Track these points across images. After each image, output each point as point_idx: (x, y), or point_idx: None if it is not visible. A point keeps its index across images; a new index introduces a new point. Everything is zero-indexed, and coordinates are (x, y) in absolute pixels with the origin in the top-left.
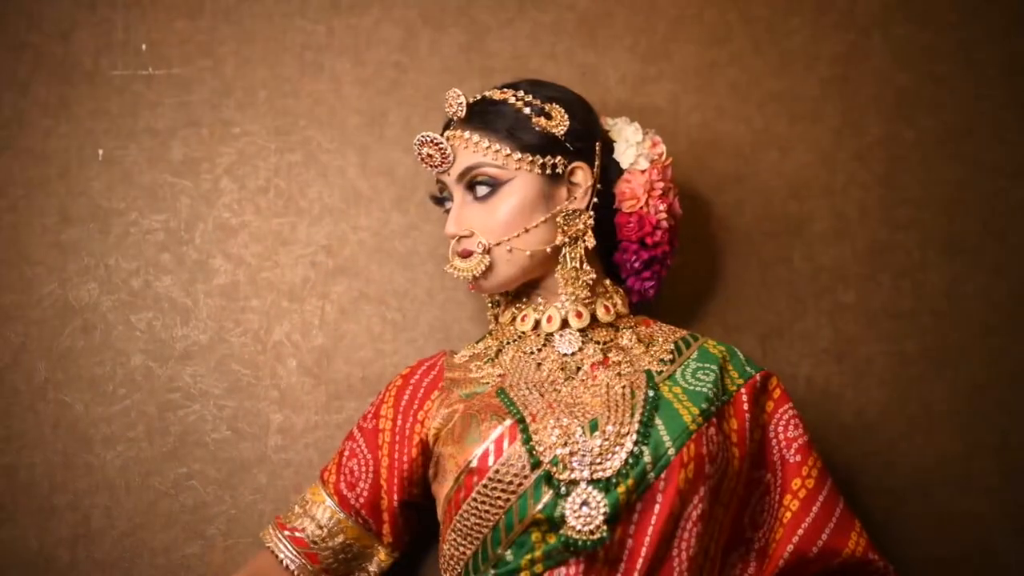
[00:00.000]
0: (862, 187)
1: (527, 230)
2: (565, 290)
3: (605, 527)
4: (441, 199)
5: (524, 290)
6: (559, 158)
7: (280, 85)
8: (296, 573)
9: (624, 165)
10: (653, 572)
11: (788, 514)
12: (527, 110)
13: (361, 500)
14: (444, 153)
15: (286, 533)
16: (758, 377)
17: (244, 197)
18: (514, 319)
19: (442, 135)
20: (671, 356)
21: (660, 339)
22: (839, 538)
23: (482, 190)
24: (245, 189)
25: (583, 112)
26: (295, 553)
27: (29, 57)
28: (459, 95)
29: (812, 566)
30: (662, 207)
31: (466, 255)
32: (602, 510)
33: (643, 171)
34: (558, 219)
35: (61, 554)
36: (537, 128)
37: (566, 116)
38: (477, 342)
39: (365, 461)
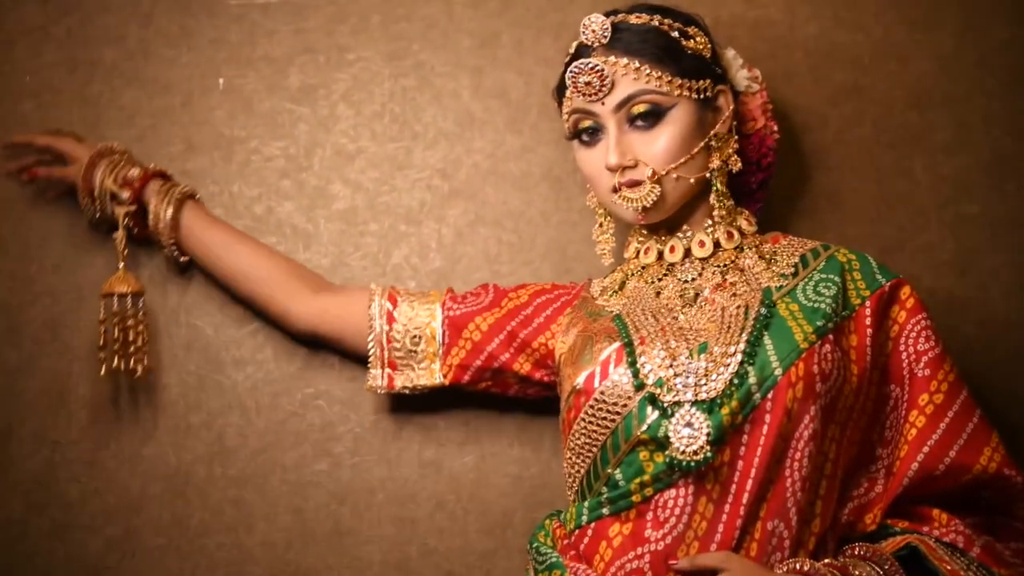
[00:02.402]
0: (986, 94)
1: (692, 156)
2: (720, 214)
3: (709, 448)
4: (582, 131)
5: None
6: (708, 81)
7: (393, 9)
8: (371, 335)
9: (740, 88)
10: (764, 493)
11: (913, 431)
12: (675, 33)
13: (456, 313)
14: (604, 80)
15: (388, 306)
16: (887, 287)
17: (360, 123)
18: (638, 253)
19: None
20: (793, 270)
21: (784, 254)
22: (969, 454)
23: (645, 118)
24: (361, 115)
25: (711, 34)
26: (383, 319)
27: None
28: (603, 19)
29: (940, 483)
30: (774, 127)
31: (633, 185)
32: (705, 431)
33: (754, 93)
34: (711, 143)
35: (198, 470)
36: (689, 51)
37: (706, 38)
38: (606, 276)
39: (484, 298)
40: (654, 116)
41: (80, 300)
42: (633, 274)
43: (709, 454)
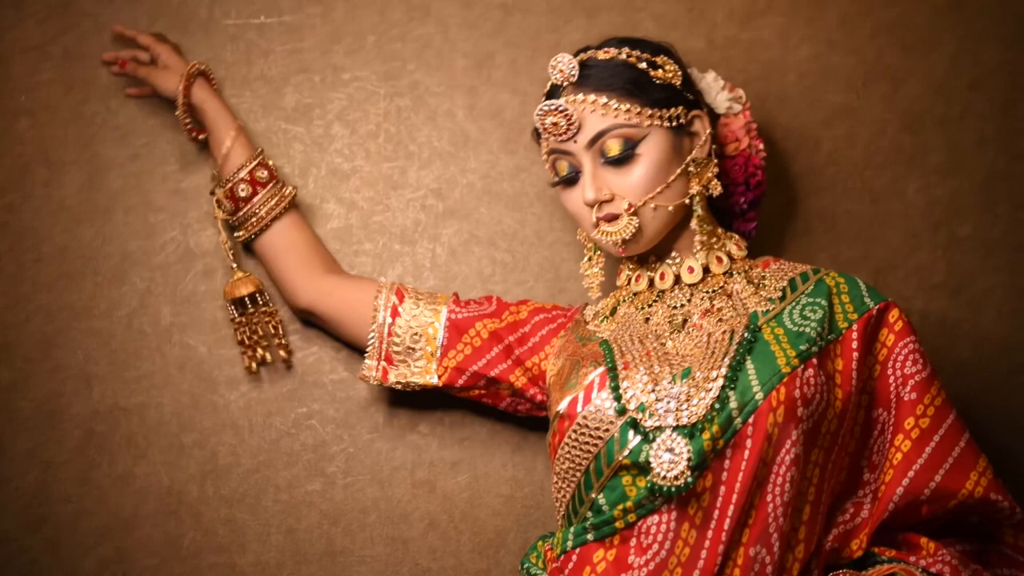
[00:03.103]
0: (978, 117)
1: (668, 185)
2: (701, 239)
3: (689, 473)
4: (563, 180)
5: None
6: (680, 108)
7: (388, 30)
8: (373, 325)
9: (720, 110)
10: (745, 518)
11: (899, 455)
12: (643, 65)
13: (458, 316)
14: (571, 120)
15: (394, 300)
16: (875, 310)
17: (355, 142)
18: (629, 280)
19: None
20: (781, 294)
21: (773, 278)
22: (955, 479)
23: (617, 152)
24: (356, 134)
25: (683, 61)
26: (387, 311)
27: (148, 8)
28: (569, 58)
29: (926, 508)
30: (760, 146)
31: (612, 219)
32: (686, 456)
33: (737, 114)
34: (690, 169)
35: (191, 489)
36: (657, 81)
37: (676, 66)
38: (599, 301)
39: (487, 307)
40: (626, 149)
41: (73, 319)
42: (625, 300)
43: (690, 479)
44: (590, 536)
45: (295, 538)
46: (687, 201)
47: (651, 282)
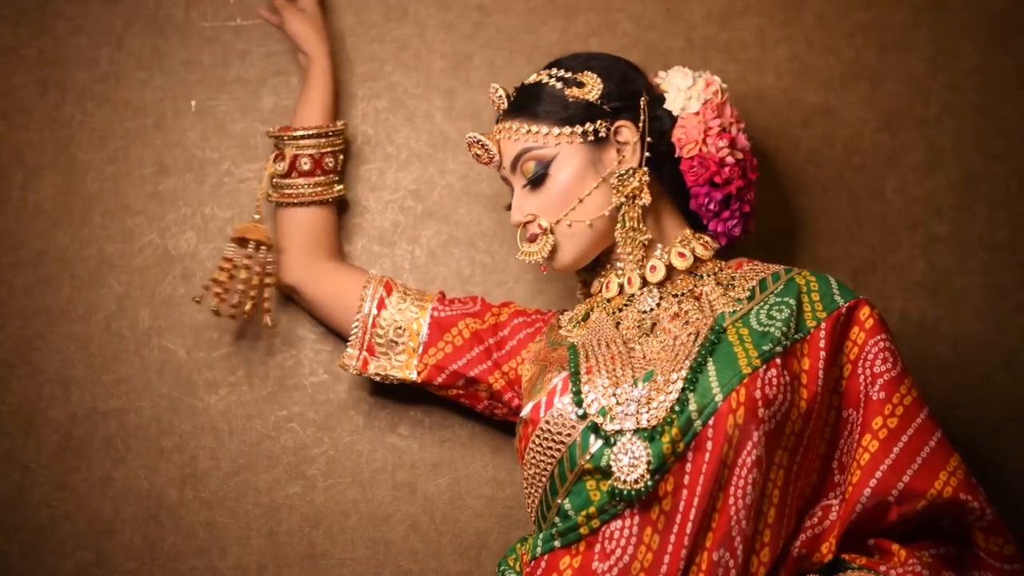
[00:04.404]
0: (957, 117)
1: (581, 200)
2: (623, 250)
3: (649, 476)
4: (508, 205)
5: (605, 258)
6: (599, 122)
7: (366, 31)
8: (358, 315)
9: (676, 112)
10: (708, 522)
11: (866, 455)
12: (559, 85)
13: (441, 314)
14: (489, 151)
15: (381, 293)
16: (844, 308)
17: None
18: (600, 288)
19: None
20: (749, 294)
21: (743, 279)
22: (923, 479)
23: (533, 174)
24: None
25: (621, 72)
26: (373, 303)
27: (124, 11)
28: (498, 89)
29: (895, 510)
30: (722, 143)
31: (532, 239)
32: (645, 459)
33: (696, 113)
34: (611, 180)
35: (170, 493)
36: (571, 99)
37: (599, 79)
38: (576, 308)
39: (471, 306)
40: (538, 170)
41: (51, 323)
42: (598, 306)
43: (650, 483)
44: (557, 543)
45: (276, 541)
46: (607, 213)
47: (621, 287)
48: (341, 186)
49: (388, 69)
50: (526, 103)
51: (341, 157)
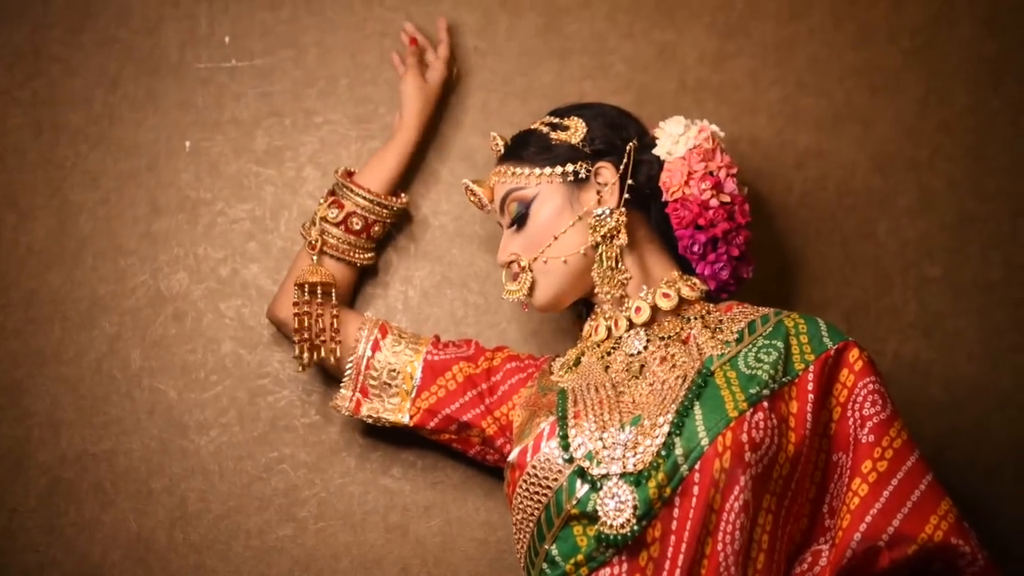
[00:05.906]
0: (948, 159)
1: (556, 238)
2: (600, 289)
3: (635, 521)
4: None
5: (595, 301)
6: (580, 163)
7: (360, 73)
8: (352, 356)
9: (662, 156)
10: (696, 568)
11: (856, 499)
12: (546, 129)
13: (435, 358)
14: (479, 197)
15: (376, 335)
16: (832, 351)
17: (327, 185)
18: (591, 331)
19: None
20: (737, 337)
21: (732, 322)
22: (913, 523)
23: (515, 214)
24: (328, 177)
25: (608, 117)
26: (368, 344)
27: (118, 52)
28: (496, 138)
29: (886, 556)
30: (704, 185)
31: (514, 278)
32: (631, 504)
33: (682, 157)
34: (589, 220)
35: (159, 536)
36: (555, 142)
37: (582, 123)
38: (568, 353)
39: (465, 350)
40: (520, 210)
41: (41, 364)
42: (588, 350)
43: (636, 527)
44: None
45: None
46: (582, 251)
47: (609, 330)
48: (373, 254)
49: (382, 111)
50: (516, 148)
51: (388, 225)
